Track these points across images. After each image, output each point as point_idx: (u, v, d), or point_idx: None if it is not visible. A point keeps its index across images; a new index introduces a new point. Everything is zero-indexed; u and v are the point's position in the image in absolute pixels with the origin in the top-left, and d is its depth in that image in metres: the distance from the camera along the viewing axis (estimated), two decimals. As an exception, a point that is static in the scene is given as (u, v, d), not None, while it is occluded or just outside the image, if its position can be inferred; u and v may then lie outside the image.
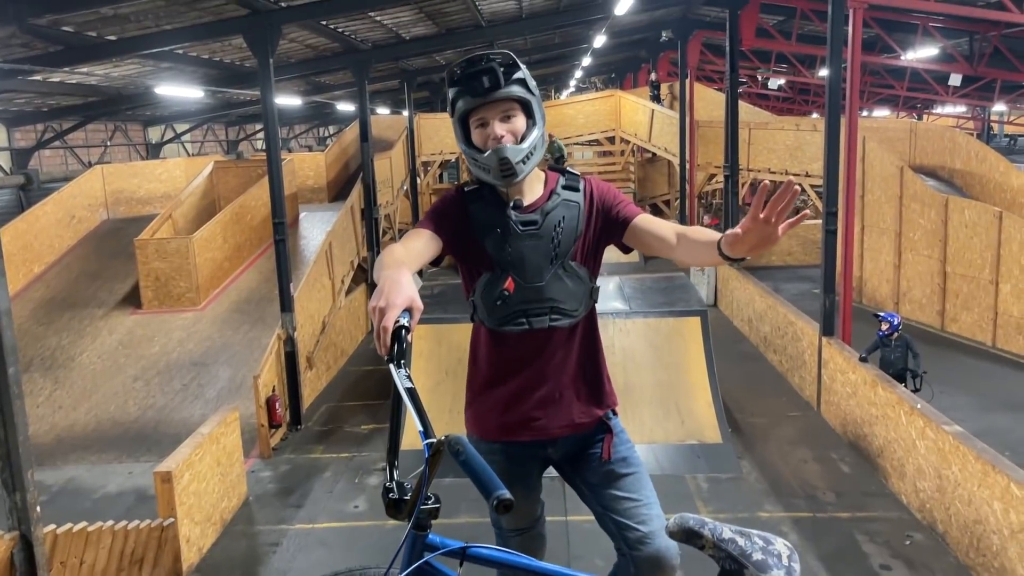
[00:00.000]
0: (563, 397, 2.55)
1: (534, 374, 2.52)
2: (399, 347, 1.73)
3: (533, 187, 2.48)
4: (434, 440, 1.59)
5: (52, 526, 7.14)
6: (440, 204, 2.51)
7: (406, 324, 1.76)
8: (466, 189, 2.50)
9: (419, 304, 1.81)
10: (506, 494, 1.53)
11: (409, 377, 1.71)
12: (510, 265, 2.41)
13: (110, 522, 7.55)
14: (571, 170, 2.57)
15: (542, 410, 2.54)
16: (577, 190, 2.50)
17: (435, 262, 2.45)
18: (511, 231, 2.40)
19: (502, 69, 2.30)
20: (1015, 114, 34.00)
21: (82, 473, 10.70)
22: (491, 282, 2.43)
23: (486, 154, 2.34)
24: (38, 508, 6.75)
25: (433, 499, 1.61)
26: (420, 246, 2.34)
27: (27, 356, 13.15)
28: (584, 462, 2.61)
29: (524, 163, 2.35)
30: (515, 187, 2.43)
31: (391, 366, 1.72)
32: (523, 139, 2.36)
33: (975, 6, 15.05)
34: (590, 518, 2.63)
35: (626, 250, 2.57)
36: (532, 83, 2.38)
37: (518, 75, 2.33)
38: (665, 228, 2.40)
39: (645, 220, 2.46)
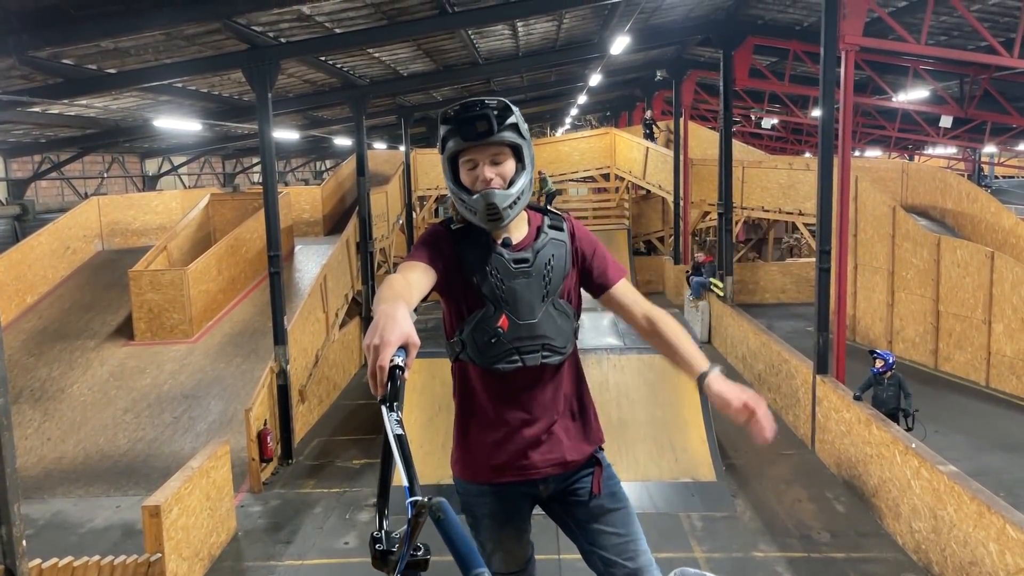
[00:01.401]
0: (553, 435, 2.53)
1: (525, 413, 2.50)
2: (394, 387, 1.67)
3: (519, 225, 2.47)
4: (418, 500, 1.53)
5: (37, 560, 7.04)
6: (430, 237, 2.47)
7: (401, 363, 1.69)
8: (453, 227, 2.47)
9: (416, 340, 1.75)
10: (485, 574, 1.47)
11: (400, 422, 1.63)
12: (503, 303, 2.39)
13: (96, 557, 7.44)
14: (552, 210, 2.58)
15: (533, 449, 2.51)
16: (562, 229, 2.52)
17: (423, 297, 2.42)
18: (503, 269, 2.39)
19: (495, 113, 2.30)
20: (1006, 156, 34.35)
21: (69, 507, 10.57)
22: (483, 320, 2.40)
23: (474, 197, 2.33)
24: (24, 542, 6.66)
25: (423, 550, 1.54)
26: (420, 278, 2.29)
27: (17, 387, 13.04)
28: (573, 498, 2.59)
29: (511, 208, 2.35)
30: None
31: (383, 408, 1.65)
32: (512, 183, 2.36)
33: (965, 49, 15.28)
34: (583, 557, 2.60)
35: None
36: (524, 127, 2.39)
37: (511, 120, 2.33)
38: (636, 309, 2.53)
39: (620, 291, 2.55)
